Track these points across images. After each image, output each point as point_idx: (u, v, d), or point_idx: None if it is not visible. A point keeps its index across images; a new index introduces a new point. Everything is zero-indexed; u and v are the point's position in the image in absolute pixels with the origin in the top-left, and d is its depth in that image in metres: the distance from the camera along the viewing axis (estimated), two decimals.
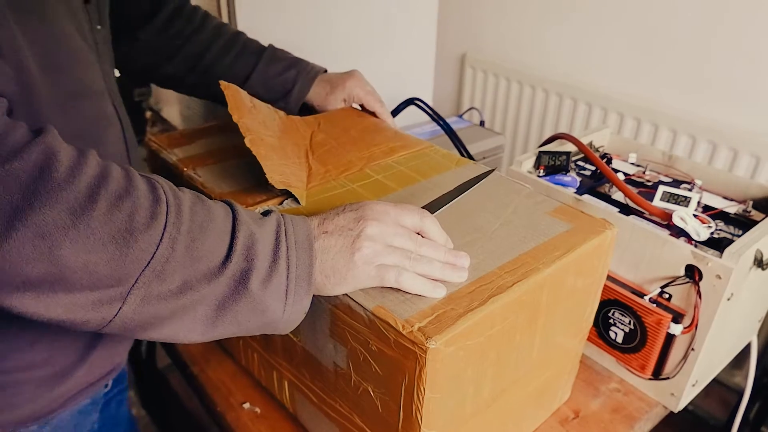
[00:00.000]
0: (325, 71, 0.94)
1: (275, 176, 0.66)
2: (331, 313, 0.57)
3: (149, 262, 0.39)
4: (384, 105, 0.92)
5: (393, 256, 0.52)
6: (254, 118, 0.73)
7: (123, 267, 0.38)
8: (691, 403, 0.85)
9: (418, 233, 0.55)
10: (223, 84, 0.72)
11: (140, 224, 0.39)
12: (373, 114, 0.92)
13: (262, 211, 0.53)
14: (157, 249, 0.39)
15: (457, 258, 0.55)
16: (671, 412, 0.81)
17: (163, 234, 0.40)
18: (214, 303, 0.43)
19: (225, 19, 1.41)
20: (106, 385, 0.69)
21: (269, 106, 0.82)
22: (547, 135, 1.12)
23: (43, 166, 0.36)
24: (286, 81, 0.89)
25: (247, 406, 0.79)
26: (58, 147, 0.38)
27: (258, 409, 0.79)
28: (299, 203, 0.67)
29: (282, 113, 0.84)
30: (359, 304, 0.53)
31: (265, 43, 0.91)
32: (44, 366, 0.57)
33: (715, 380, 0.89)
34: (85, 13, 0.57)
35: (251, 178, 0.72)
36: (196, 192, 0.48)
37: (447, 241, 0.57)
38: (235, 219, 0.45)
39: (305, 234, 0.49)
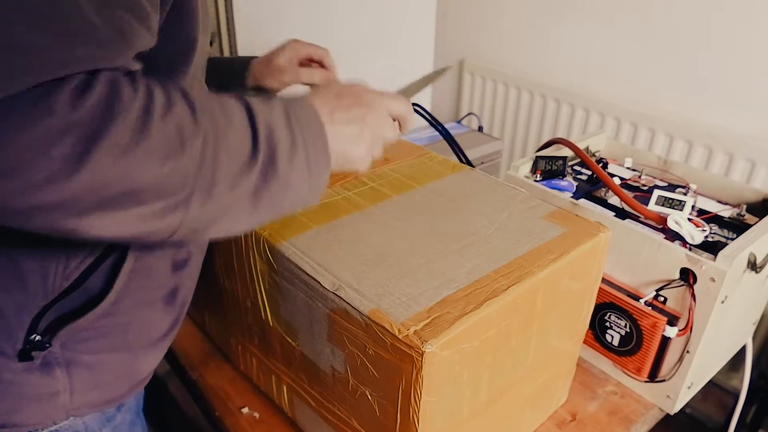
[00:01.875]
0: None
1: None
2: (328, 317, 0.58)
3: (200, 166, 0.42)
4: (330, 54, 0.90)
5: (380, 146, 0.59)
6: None
7: (182, 174, 0.41)
8: (688, 405, 0.85)
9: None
10: None
11: (188, 132, 0.41)
12: (321, 65, 0.89)
13: (256, 95, 0.54)
14: (203, 152, 0.42)
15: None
16: (669, 415, 0.82)
17: (205, 138, 0.42)
18: (252, 191, 0.46)
19: (223, 22, 1.41)
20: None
21: None
22: (544, 140, 1.13)
23: (110, 95, 0.38)
24: (230, 61, 0.94)
25: (245, 410, 0.80)
26: (117, 76, 0.40)
27: (257, 414, 0.79)
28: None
29: None
30: (355, 308, 0.53)
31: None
32: (125, 350, 0.59)
33: (712, 383, 0.90)
34: None
35: None
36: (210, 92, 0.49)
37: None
38: (249, 111, 0.47)
39: (314, 117, 0.51)
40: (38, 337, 0.52)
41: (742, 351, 0.92)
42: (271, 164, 0.46)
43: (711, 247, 0.73)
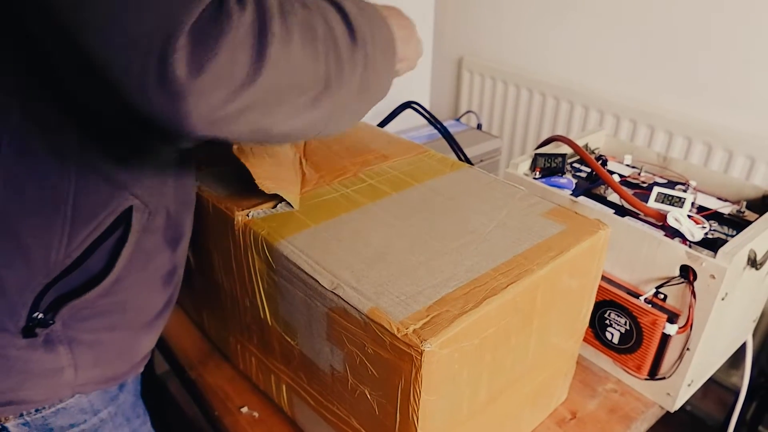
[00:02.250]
0: None
1: (266, 182, 0.66)
2: (327, 316, 0.58)
3: (327, 52, 0.47)
4: None
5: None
6: None
7: (319, 60, 0.46)
8: (688, 403, 0.85)
9: None
10: None
11: (313, 25, 0.46)
12: None
13: None
14: (326, 41, 0.47)
15: None
16: (669, 412, 0.81)
17: (323, 29, 0.47)
18: (360, 81, 0.51)
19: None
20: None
21: None
22: (544, 137, 1.13)
23: (258, 8, 0.42)
24: None
25: (245, 410, 0.80)
26: None
27: (256, 413, 0.79)
28: (292, 207, 0.67)
29: None
30: (354, 307, 0.53)
31: None
32: (123, 329, 0.60)
33: (712, 380, 0.90)
34: None
35: (248, 182, 0.72)
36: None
37: None
38: (344, 14, 0.51)
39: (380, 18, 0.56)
40: (41, 315, 0.53)
41: (742, 348, 0.92)
42: (369, 60, 0.52)
43: (711, 244, 0.73)
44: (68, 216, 0.51)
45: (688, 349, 0.74)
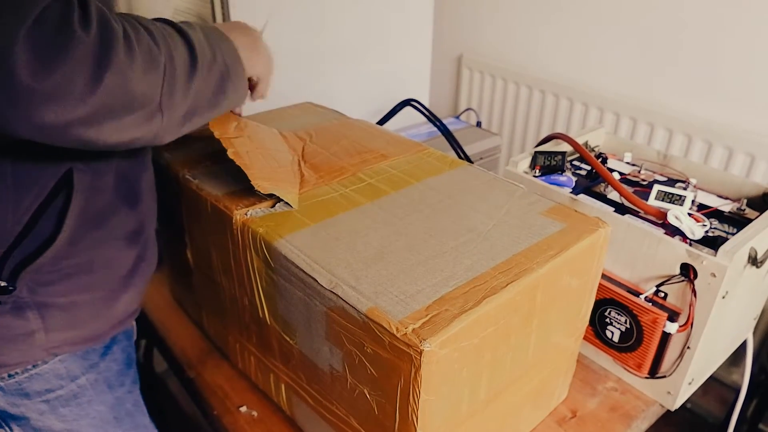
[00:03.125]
0: None
1: (262, 182, 0.66)
2: (326, 315, 0.57)
3: (164, 78, 0.51)
4: None
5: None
6: (239, 131, 0.73)
7: (156, 84, 0.51)
8: (689, 400, 0.85)
9: None
10: None
11: (155, 53, 0.50)
12: None
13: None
14: (165, 67, 0.52)
15: None
16: (669, 410, 0.81)
17: (164, 55, 0.52)
18: (193, 97, 0.56)
19: (219, 22, 1.41)
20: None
21: (258, 123, 0.82)
22: (543, 135, 1.12)
23: (105, 27, 0.46)
24: None
25: (244, 409, 0.79)
26: (102, 9, 0.47)
27: (255, 413, 0.79)
28: (291, 206, 0.67)
29: (275, 130, 0.84)
30: (353, 306, 0.53)
31: None
32: (96, 290, 0.62)
33: (712, 378, 0.89)
34: None
35: (246, 181, 0.72)
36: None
37: None
38: (182, 32, 0.56)
39: (223, 37, 0.63)
40: (2, 283, 0.55)
41: (743, 345, 0.92)
42: (202, 75, 0.57)
43: (711, 242, 0.72)
44: (10, 185, 0.53)
45: (688, 347, 0.74)
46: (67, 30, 0.43)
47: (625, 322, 0.78)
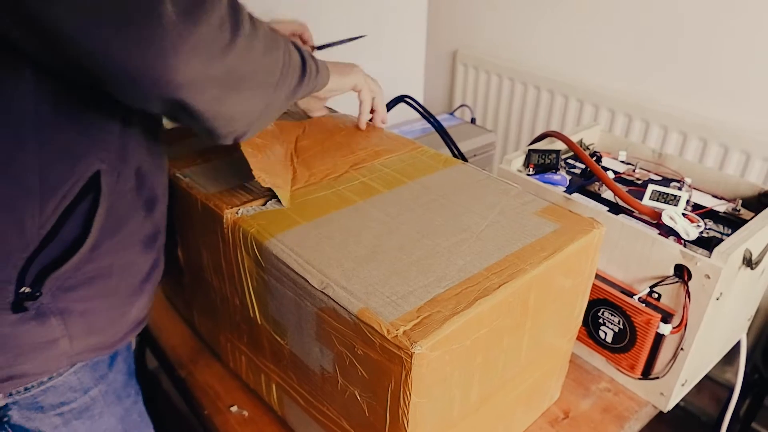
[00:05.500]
0: None
1: (262, 174, 0.65)
2: (316, 316, 0.57)
3: (282, 67, 0.58)
4: (308, 28, 1.00)
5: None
6: None
7: (274, 68, 0.57)
8: (683, 399, 0.84)
9: None
10: None
11: (272, 38, 0.55)
12: (301, 39, 0.99)
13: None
14: (283, 58, 0.58)
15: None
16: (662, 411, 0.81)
17: (285, 45, 0.58)
18: (289, 89, 0.61)
19: None
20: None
21: None
22: (539, 132, 1.12)
23: (233, 2, 0.50)
24: None
25: (234, 409, 0.79)
26: None
27: (246, 412, 0.78)
28: (282, 204, 0.66)
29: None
30: (344, 307, 0.52)
31: None
32: (114, 295, 0.61)
33: (706, 377, 0.89)
34: None
35: (237, 179, 0.71)
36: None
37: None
38: (292, 43, 0.62)
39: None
40: (27, 289, 0.54)
41: (737, 345, 0.92)
42: (308, 75, 0.64)
43: (706, 243, 0.72)
44: (36, 188, 0.52)
45: (682, 348, 0.74)
46: None
47: (619, 323, 0.78)
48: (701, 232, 0.75)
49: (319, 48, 0.98)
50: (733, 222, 0.78)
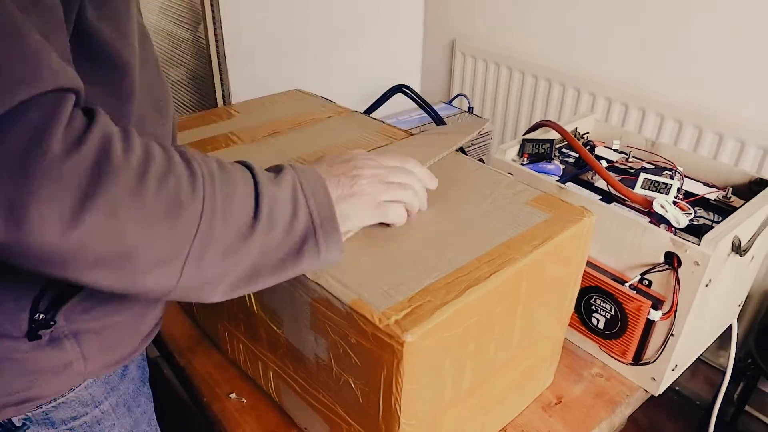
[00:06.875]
0: None
1: None
2: (311, 306, 0.58)
3: (197, 233, 0.43)
4: None
5: (391, 191, 0.59)
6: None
7: (177, 239, 0.42)
8: (677, 383, 0.86)
9: None
10: None
11: (185, 198, 0.42)
12: None
13: (271, 167, 0.53)
14: (201, 219, 0.43)
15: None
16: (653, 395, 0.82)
17: (203, 205, 0.43)
18: (252, 260, 0.47)
19: (207, 7, 1.39)
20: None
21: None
22: (536, 120, 1.12)
23: (103, 151, 0.38)
24: None
25: (233, 396, 0.80)
26: (111, 129, 0.39)
27: (244, 400, 0.80)
28: None
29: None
30: (337, 298, 0.53)
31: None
32: (128, 310, 0.60)
33: (700, 360, 0.91)
34: None
35: None
36: (216, 156, 0.49)
37: (432, 178, 0.65)
38: (256, 183, 0.48)
39: (320, 184, 0.53)
40: (42, 316, 0.52)
41: (730, 329, 0.93)
42: (270, 235, 0.47)
43: (696, 231, 0.73)
44: None
45: (672, 334, 0.75)
46: (46, 145, 0.35)
47: (610, 310, 0.79)
48: (691, 220, 0.76)
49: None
50: (723, 210, 0.79)
